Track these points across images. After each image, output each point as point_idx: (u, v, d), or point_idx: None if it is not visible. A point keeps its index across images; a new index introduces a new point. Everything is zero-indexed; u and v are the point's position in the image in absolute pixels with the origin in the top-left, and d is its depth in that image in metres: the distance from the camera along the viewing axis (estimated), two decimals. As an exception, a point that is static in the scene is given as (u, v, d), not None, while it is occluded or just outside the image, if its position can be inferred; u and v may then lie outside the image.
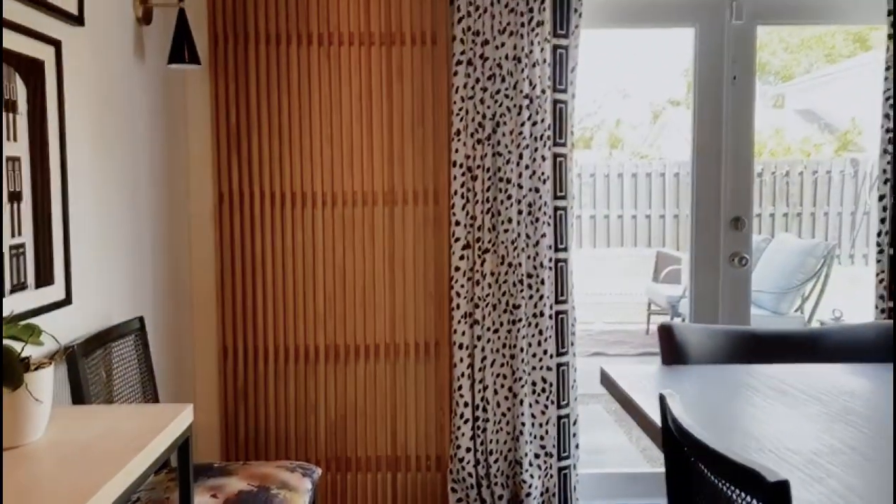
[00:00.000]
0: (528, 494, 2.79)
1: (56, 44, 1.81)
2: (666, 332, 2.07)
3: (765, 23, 2.90)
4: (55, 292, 1.81)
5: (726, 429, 1.50)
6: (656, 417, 1.45)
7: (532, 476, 2.81)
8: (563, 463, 2.85)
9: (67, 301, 1.87)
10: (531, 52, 2.70)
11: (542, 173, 2.75)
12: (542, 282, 2.78)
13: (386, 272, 2.84)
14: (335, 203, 2.81)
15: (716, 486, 1.14)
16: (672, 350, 2.04)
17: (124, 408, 1.80)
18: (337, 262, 2.83)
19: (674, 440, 1.30)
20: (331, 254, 2.82)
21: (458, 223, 2.75)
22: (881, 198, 2.79)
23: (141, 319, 2.25)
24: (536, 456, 2.84)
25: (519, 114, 2.72)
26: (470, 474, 2.81)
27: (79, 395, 1.78)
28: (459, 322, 2.78)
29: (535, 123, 2.73)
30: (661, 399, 1.31)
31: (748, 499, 1.02)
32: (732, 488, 1.07)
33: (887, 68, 2.76)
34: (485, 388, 2.80)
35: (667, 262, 6.38)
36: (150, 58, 2.44)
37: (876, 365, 1.95)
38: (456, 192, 2.74)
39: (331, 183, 2.80)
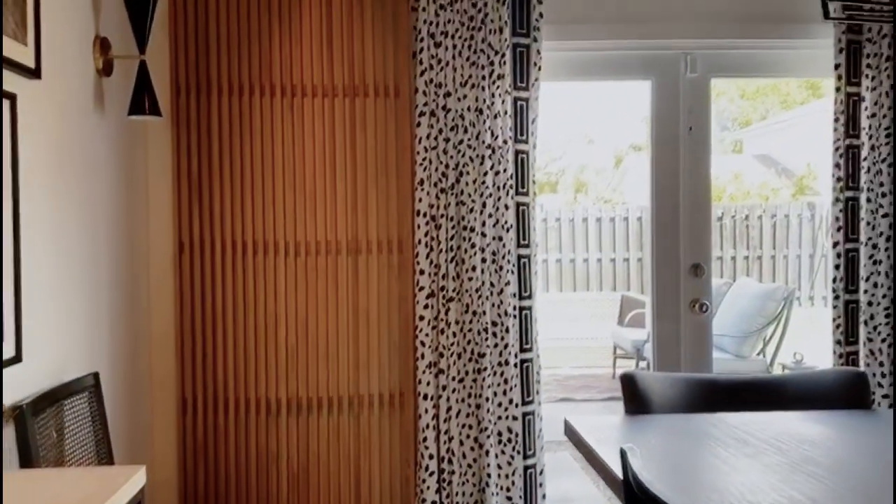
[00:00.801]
0: (495, 548, 2.75)
1: (11, 97, 1.79)
2: (628, 382, 2.07)
3: (718, 75, 3.00)
4: (4, 349, 1.75)
5: (689, 482, 1.50)
6: (619, 471, 1.45)
7: (499, 528, 2.76)
8: (530, 514, 2.81)
9: (17, 359, 1.81)
10: (493, 103, 2.75)
11: (506, 222, 2.77)
12: (507, 330, 2.78)
13: (349, 322, 2.82)
14: (298, 252, 2.79)
15: (677, 544, 1.13)
16: (635, 399, 2.04)
17: (73, 471, 1.74)
18: (300, 312, 2.80)
19: (635, 496, 1.29)
20: (293, 303, 2.80)
21: (422, 272, 2.75)
22: (835, 244, 2.86)
23: (96, 375, 2.19)
24: (503, 508, 2.80)
25: (482, 164, 2.75)
26: (436, 528, 2.76)
27: (27, 458, 1.72)
28: (424, 372, 2.76)
29: (497, 173, 2.76)
30: (622, 454, 1.31)
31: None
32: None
33: (835, 119, 2.85)
34: (450, 440, 2.77)
35: (631, 305, 6.43)
36: (111, 109, 2.42)
37: (835, 412, 1.97)
38: (420, 241, 2.75)
39: (294, 232, 2.79)
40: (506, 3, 2.73)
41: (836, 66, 2.83)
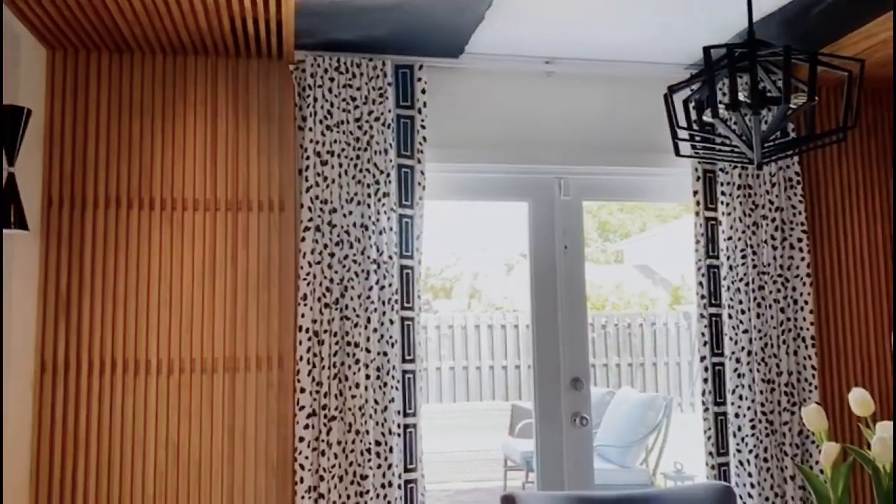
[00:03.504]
0: None
1: None
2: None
3: (589, 199, 3.19)
4: None
5: None
6: None
7: None
8: None
9: None
10: (378, 220, 2.80)
11: (391, 336, 2.77)
12: (391, 449, 2.72)
13: (224, 444, 2.68)
14: (171, 370, 2.67)
15: None
16: (515, 522, 2.03)
17: None
18: (171, 434, 2.65)
19: None
20: (164, 425, 2.64)
21: (303, 389, 2.68)
22: (702, 358, 3.02)
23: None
24: None
25: (367, 278, 2.76)
26: None
27: None
28: (303, 497, 2.63)
29: (382, 287, 2.78)
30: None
31: None
32: None
33: (696, 241, 3.08)
34: (330, 568, 2.63)
35: (521, 415, 6.46)
36: (-28, 221, 2.30)
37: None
38: (302, 357, 2.69)
39: (167, 349, 2.67)
40: (391, 126, 2.84)
41: (695, 193, 3.08)
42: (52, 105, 2.67)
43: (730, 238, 3.04)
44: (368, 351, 2.74)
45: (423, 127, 2.88)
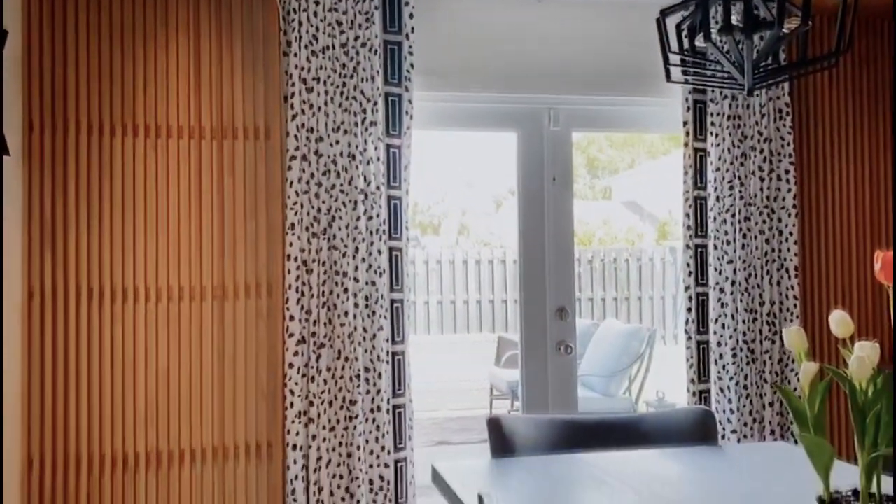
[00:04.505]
0: None
1: None
2: (494, 426, 2.11)
3: (578, 129, 3.17)
4: None
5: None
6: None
7: (370, 580, 2.71)
8: (402, 563, 2.78)
9: None
10: (365, 149, 2.78)
11: (379, 266, 2.78)
12: (380, 375, 2.77)
13: (214, 370, 2.72)
14: (160, 298, 2.68)
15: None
16: (500, 443, 2.08)
17: None
18: (161, 361, 2.67)
19: (491, 542, 1.31)
20: (153, 352, 2.67)
21: (292, 317, 2.70)
22: (686, 288, 3.06)
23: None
24: (374, 558, 2.75)
25: (354, 208, 2.75)
26: (304, 583, 2.67)
27: None
28: (293, 421, 2.69)
29: (370, 218, 2.78)
30: (479, 500, 1.33)
31: None
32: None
33: (685, 172, 3.08)
34: (320, 490, 2.70)
35: (507, 347, 6.56)
36: (-49, 146, 2.26)
37: (686, 448, 2.09)
38: (290, 286, 2.70)
39: (155, 277, 2.67)
40: (377, 53, 2.78)
41: (685, 123, 3.06)
42: (30, 27, 2.60)
43: (717, 169, 3.04)
44: (357, 280, 2.75)
45: (410, 53, 2.83)
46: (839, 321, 1.28)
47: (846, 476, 1.35)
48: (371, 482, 2.75)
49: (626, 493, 1.70)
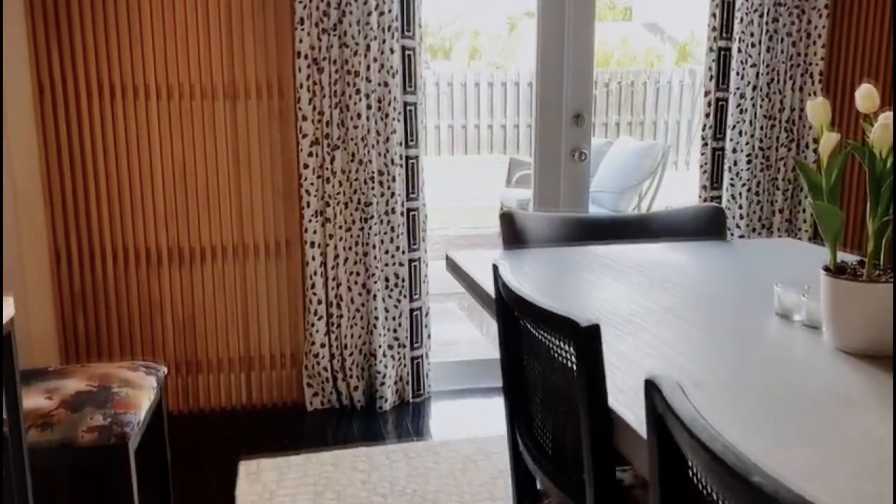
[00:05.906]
0: (383, 384, 2.88)
1: None
2: (507, 219, 2.15)
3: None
4: None
5: (555, 299, 1.60)
6: (491, 289, 1.53)
7: (386, 366, 2.89)
8: (416, 352, 2.95)
9: None
10: (376, -62, 2.61)
11: (391, 67, 2.71)
12: (394, 179, 2.78)
13: (230, 170, 2.74)
14: (171, 96, 2.65)
15: (538, 338, 1.22)
16: (512, 235, 2.13)
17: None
18: (176, 159, 2.69)
19: (504, 305, 1.38)
20: (168, 150, 2.68)
21: (304, 118, 2.68)
22: (706, 93, 2.99)
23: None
24: (390, 347, 2.91)
25: (365, 3, 2.64)
26: (325, 368, 2.85)
27: None
28: (310, 220, 2.75)
29: (382, 13, 2.67)
30: (494, 268, 1.38)
31: (565, 346, 1.10)
32: (551, 337, 1.15)
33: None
34: (338, 286, 2.81)
35: (518, 167, 6.56)
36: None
37: (694, 242, 2.13)
38: (302, 85, 2.66)
39: (165, 74, 2.62)
40: None
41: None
42: None
43: (750, -35, 2.86)
44: (369, 80, 2.70)
45: None
46: (865, 94, 1.25)
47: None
48: (387, 279, 2.85)
49: (633, 275, 1.76)
